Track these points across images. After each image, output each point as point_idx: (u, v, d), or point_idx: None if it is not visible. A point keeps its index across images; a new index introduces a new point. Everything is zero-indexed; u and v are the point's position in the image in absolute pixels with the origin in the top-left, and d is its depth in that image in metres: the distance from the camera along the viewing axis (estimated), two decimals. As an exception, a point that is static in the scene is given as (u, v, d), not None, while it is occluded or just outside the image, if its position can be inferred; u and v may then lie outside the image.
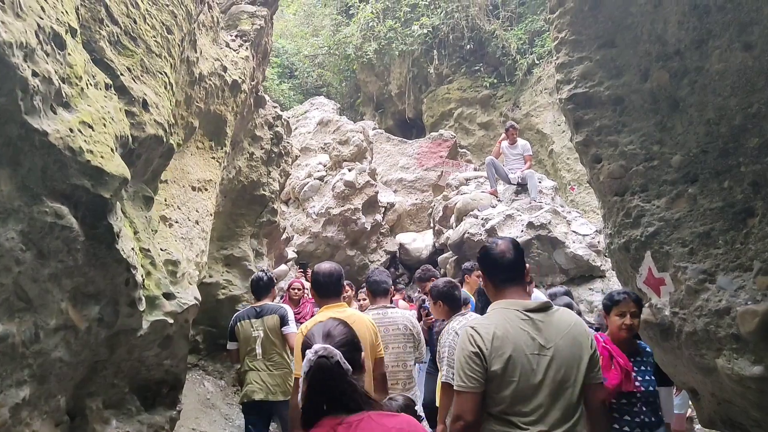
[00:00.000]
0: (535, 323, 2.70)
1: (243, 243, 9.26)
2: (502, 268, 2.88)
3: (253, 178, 9.12)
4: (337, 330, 2.08)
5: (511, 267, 2.87)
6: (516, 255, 2.90)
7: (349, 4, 20.20)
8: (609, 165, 5.26)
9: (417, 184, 15.04)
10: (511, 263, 2.87)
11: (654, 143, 5.05)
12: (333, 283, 4.13)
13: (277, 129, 9.42)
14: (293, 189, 13.38)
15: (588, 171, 5.64)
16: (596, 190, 5.55)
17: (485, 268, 3.00)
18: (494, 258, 2.92)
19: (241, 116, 8.20)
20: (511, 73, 18.20)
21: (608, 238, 5.60)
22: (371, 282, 5.18)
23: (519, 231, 9.37)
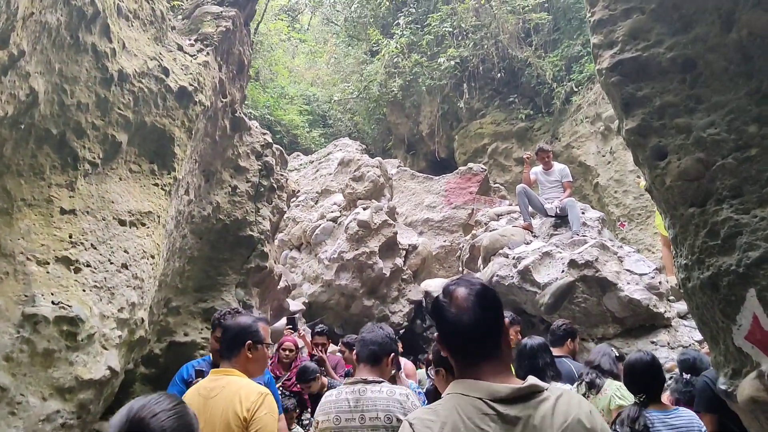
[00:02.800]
0: (505, 421, 1.70)
1: (227, 294, 7.64)
2: (462, 335, 1.85)
3: (236, 216, 7.56)
4: (152, 420, 1.59)
5: (475, 331, 1.84)
6: (483, 313, 1.85)
7: (374, 41, 18.97)
8: (680, 161, 3.47)
9: (445, 224, 13.29)
10: (474, 326, 1.83)
11: (749, 122, 3.31)
12: (229, 339, 3.31)
13: (266, 159, 7.90)
14: (305, 233, 11.82)
15: (646, 173, 3.84)
16: (660, 201, 3.74)
17: (439, 334, 1.97)
18: (448, 319, 1.89)
19: (211, 140, 6.70)
20: (548, 102, 16.49)
21: (682, 271, 3.75)
22: (359, 341, 3.59)
23: (559, 271, 7.51)
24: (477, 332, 1.81)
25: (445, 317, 1.85)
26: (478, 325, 1.81)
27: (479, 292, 1.86)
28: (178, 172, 5.43)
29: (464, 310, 1.81)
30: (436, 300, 1.92)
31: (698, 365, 5.12)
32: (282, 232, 12.63)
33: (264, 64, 25.08)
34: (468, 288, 1.87)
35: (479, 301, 1.83)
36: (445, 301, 1.87)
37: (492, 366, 1.80)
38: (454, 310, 1.83)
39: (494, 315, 1.86)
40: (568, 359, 5.17)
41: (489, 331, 1.83)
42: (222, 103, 6.60)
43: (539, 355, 4.38)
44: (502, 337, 1.87)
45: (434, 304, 1.92)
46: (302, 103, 25.60)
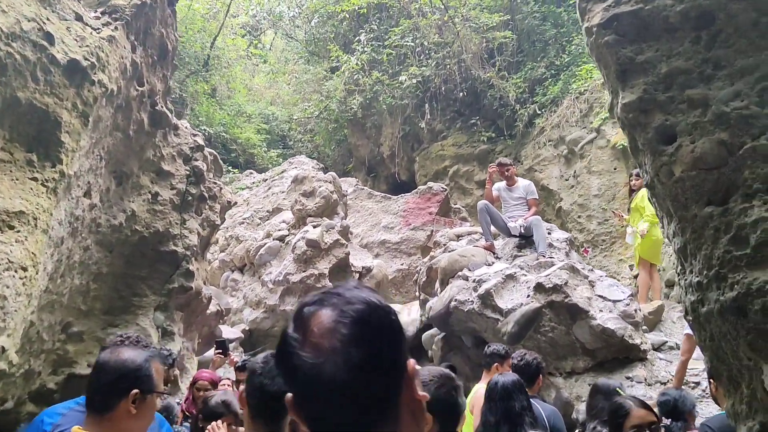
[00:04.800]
0: None
1: (143, 318, 6.53)
2: (324, 398, 1.00)
3: (157, 228, 6.49)
4: None
5: (345, 394, 0.99)
6: (365, 358, 0.99)
7: (334, 58, 18.17)
8: (694, 144, 2.55)
9: (403, 246, 12.35)
10: (344, 384, 0.98)
11: (788, 91, 2.44)
12: (105, 385, 2.24)
13: (196, 164, 6.87)
14: (248, 253, 10.73)
15: (646, 163, 2.95)
16: (664, 199, 2.84)
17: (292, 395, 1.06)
18: (301, 369, 1.01)
19: (123, 135, 5.65)
20: (510, 125, 15.85)
21: (694, 291, 2.84)
22: None
23: (524, 296, 6.60)
24: (349, 395, 0.99)
25: (296, 365, 1.01)
26: (353, 383, 0.99)
27: (357, 319, 1.02)
28: (68, 166, 4.37)
29: (327, 353, 0.99)
30: (283, 335, 1.06)
31: (680, 407, 4.24)
32: (224, 252, 11.52)
33: (221, 80, 24.10)
34: (337, 312, 1.03)
35: (357, 334, 1.01)
36: (296, 338, 1.03)
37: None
38: (310, 353, 1.00)
39: (384, 361, 1.03)
40: (537, 401, 4.24)
41: (373, 391, 1.01)
42: (137, 92, 5.58)
43: (515, 397, 3.45)
44: (401, 401, 1.05)
45: (280, 341, 1.06)
46: (260, 122, 24.64)
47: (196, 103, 22.17)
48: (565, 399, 6.27)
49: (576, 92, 14.03)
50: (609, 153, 13.02)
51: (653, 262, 8.39)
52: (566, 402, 6.25)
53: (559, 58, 15.08)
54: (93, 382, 2.26)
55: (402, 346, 1.07)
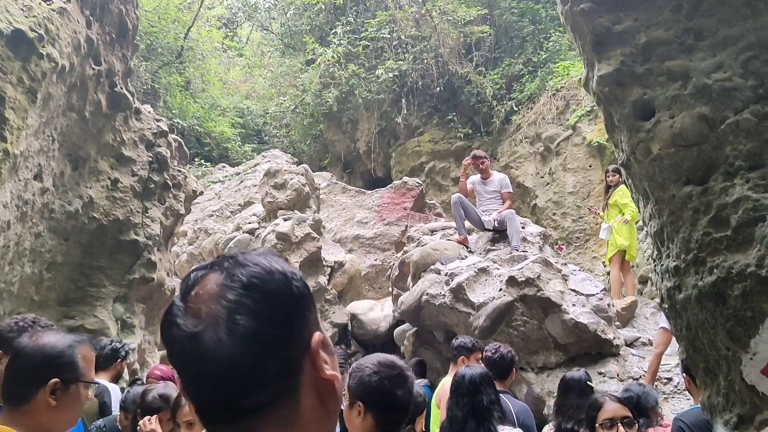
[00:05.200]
0: None
1: (102, 309, 6.25)
2: (202, 376, 0.83)
3: (117, 216, 6.21)
4: None
5: (227, 372, 0.82)
6: (253, 327, 0.83)
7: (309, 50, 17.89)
8: (673, 119, 2.36)
9: (377, 241, 12.16)
10: (225, 359, 0.82)
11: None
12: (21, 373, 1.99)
13: (159, 150, 6.60)
14: (217, 246, 10.45)
15: (623, 140, 2.78)
16: (640, 179, 2.67)
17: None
18: (179, 341, 0.85)
19: (79, 116, 5.37)
20: (487, 122, 15.76)
21: (671, 277, 2.67)
22: None
23: (496, 290, 6.44)
24: (231, 371, 0.83)
25: (173, 337, 0.86)
26: (236, 357, 0.83)
27: (248, 284, 0.87)
28: (13, 145, 4.09)
29: (207, 320, 0.84)
30: (169, 307, 0.90)
31: (643, 403, 4.11)
32: (192, 245, 11.23)
33: (195, 72, 23.68)
34: (225, 275, 0.88)
35: (246, 300, 0.85)
36: (179, 305, 0.88)
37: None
38: (188, 321, 0.85)
39: (278, 333, 0.86)
40: (508, 396, 4.07)
41: (263, 368, 0.84)
42: (94, 71, 5.30)
43: (482, 390, 3.28)
44: (302, 380, 0.88)
45: (165, 314, 0.90)
46: (235, 116, 24.25)
47: (169, 95, 21.73)
48: (537, 394, 6.14)
49: (553, 89, 13.98)
50: (584, 150, 12.97)
51: (632, 257, 8.30)
52: (537, 397, 6.11)
53: (536, 55, 15.02)
54: (8, 371, 2.01)
55: (304, 318, 0.90)
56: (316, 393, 0.88)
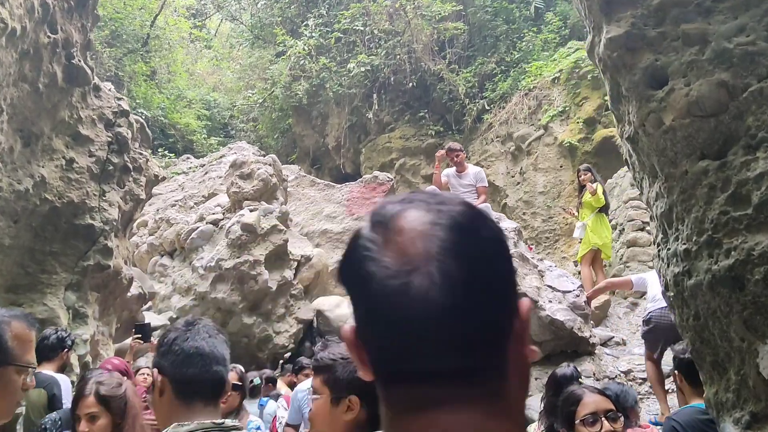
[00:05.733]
0: None
1: (52, 297, 5.83)
2: (412, 327, 0.70)
3: (72, 198, 5.80)
4: None
5: (444, 320, 0.70)
6: (470, 276, 0.71)
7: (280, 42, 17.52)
8: (689, 87, 2.10)
9: (345, 236, 11.86)
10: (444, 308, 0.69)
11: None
12: None
13: (119, 131, 6.20)
14: (179, 236, 10.03)
15: (630, 111, 2.54)
16: (647, 153, 2.38)
17: (356, 321, 0.79)
18: (380, 285, 0.71)
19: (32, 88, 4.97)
20: (459, 120, 15.65)
21: (678, 262, 2.43)
22: None
23: (470, 285, 6.27)
24: (445, 323, 0.70)
25: (369, 273, 0.72)
26: (452, 307, 0.70)
27: (459, 224, 0.73)
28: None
29: (417, 260, 0.71)
30: (355, 237, 0.77)
31: (622, 402, 3.95)
32: (153, 235, 10.79)
33: (161, 62, 23.10)
34: (432, 213, 0.74)
35: (459, 241, 0.72)
36: (375, 239, 0.74)
37: (477, 406, 0.72)
38: (392, 258, 0.71)
39: (495, 284, 0.74)
40: None
41: (480, 323, 0.72)
42: (49, 39, 4.91)
43: None
44: (509, 340, 0.74)
45: (350, 245, 0.78)
46: (201, 108, 23.71)
47: (133, 84, 21.14)
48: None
49: (525, 89, 13.92)
50: (556, 151, 12.93)
51: (607, 256, 8.21)
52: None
53: (509, 55, 14.95)
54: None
55: (515, 276, 0.77)
56: (518, 373, 0.75)
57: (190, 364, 1.76)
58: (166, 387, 1.77)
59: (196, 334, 1.82)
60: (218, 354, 1.82)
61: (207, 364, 1.78)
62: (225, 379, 1.84)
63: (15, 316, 1.87)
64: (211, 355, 1.80)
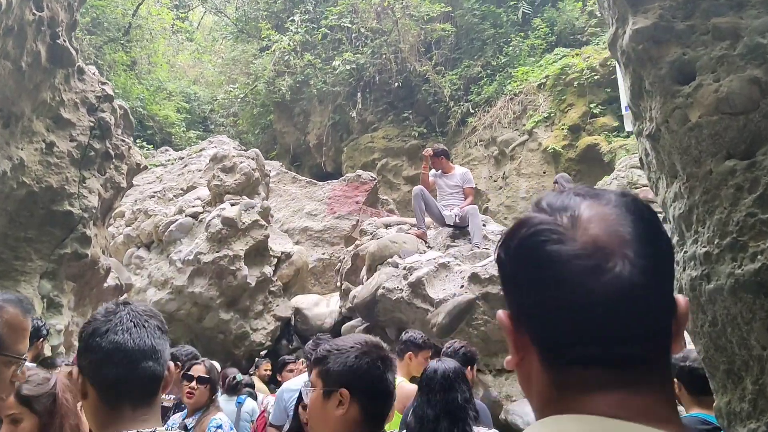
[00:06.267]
0: None
1: (26, 285, 5.60)
2: (599, 309, 0.71)
3: (50, 183, 5.58)
4: None
5: (629, 303, 0.71)
6: (651, 263, 0.73)
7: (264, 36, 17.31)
8: (718, 83, 2.05)
9: (326, 234, 11.73)
10: (631, 290, 0.71)
11: None
12: None
13: (102, 116, 5.99)
14: (157, 228, 9.79)
15: (653, 106, 2.45)
16: (668, 151, 2.26)
17: (520, 305, 0.84)
18: (564, 267, 0.73)
19: (15, 67, 4.76)
20: (443, 122, 15.61)
21: (697, 265, 2.36)
22: None
23: (457, 286, 6.15)
24: (642, 305, 0.72)
25: (559, 261, 0.73)
26: (649, 288, 0.72)
27: (641, 213, 0.76)
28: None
29: (614, 246, 0.72)
30: (528, 223, 0.78)
31: None
32: (130, 227, 10.53)
33: (142, 53, 22.70)
34: (611, 208, 0.76)
35: (647, 231, 0.74)
36: (559, 223, 0.75)
37: (657, 393, 0.74)
38: (586, 244, 0.72)
39: (670, 267, 0.78)
40: None
41: (665, 307, 0.75)
42: (35, 16, 4.71)
43: (457, 387, 2.95)
44: (673, 327, 0.76)
45: (522, 231, 0.78)
46: (181, 101, 23.35)
47: (112, 74, 20.70)
48: (494, 398, 5.87)
49: (511, 93, 13.92)
50: (540, 156, 12.93)
51: None
52: (495, 401, 5.85)
53: (495, 59, 14.95)
54: None
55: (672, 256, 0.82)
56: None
57: (111, 364, 1.47)
58: (88, 389, 1.50)
59: (118, 325, 1.50)
60: (146, 347, 1.50)
61: (132, 361, 1.48)
62: (159, 374, 1.54)
63: (9, 301, 1.72)
64: (137, 350, 1.49)
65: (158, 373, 1.53)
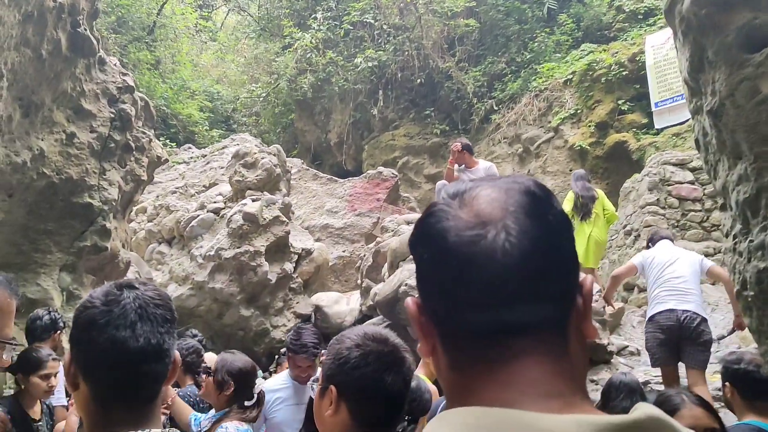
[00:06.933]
0: None
1: (46, 278, 5.52)
2: (487, 279, 0.72)
3: (70, 175, 5.49)
4: None
5: (519, 273, 0.72)
6: (541, 233, 0.73)
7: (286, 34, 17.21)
8: None
9: (346, 231, 11.56)
10: (520, 259, 0.71)
11: None
12: None
13: (123, 107, 5.89)
14: (179, 224, 9.71)
15: (717, 78, 2.27)
16: (732, 128, 2.13)
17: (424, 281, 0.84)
18: (456, 239, 0.75)
19: (35, 55, 4.66)
20: (466, 119, 15.37)
21: (761, 256, 2.22)
22: None
23: (484, 284, 5.97)
24: (522, 274, 0.71)
25: (447, 234, 0.75)
26: (528, 259, 0.72)
27: (532, 191, 0.77)
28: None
29: (494, 219, 0.73)
30: (430, 208, 0.81)
31: None
32: (152, 222, 10.46)
33: (166, 52, 22.80)
34: (504, 186, 0.78)
35: (533, 205, 0.75)
36: (450, 204, 0.77)
37: (545, 364, 0.73)
38: (470, 218, 0.74)
39: (563, 246, 0.76)
40: None
41: (551, 279, 0.73)
42: (55, 3, 4.59)
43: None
44: (570, 320, 0.75)
45: (424, 215, 0.81)
46: (204, 100, 23.43)
47: (137, 73, 20.78)
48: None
49: (536, 90, 13.65)
50: (566, 154, 12.65)
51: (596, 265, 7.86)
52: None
53: (520, 55, 14.68)
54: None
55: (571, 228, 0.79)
56: (579, 345, 0.76)
57: (107, 365, 1.25)
58: (79, 381, 1.29)
59: (119, 318, 1.26)
60: (149, 347, 1.26)
61: (133, 363, 1.25)
62: (162, 375, 1.31)
63: None
64: (139, 351, 1.25)
65: (161, 374, 1.31)
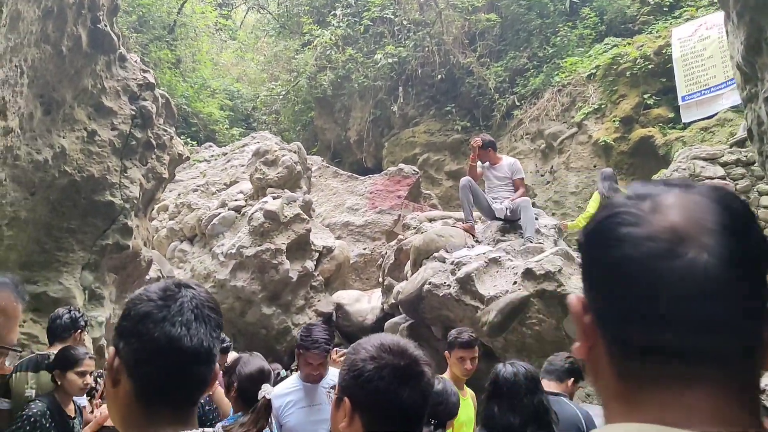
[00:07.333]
0: None
1: (68, 276, 5.50)
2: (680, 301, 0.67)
3: (92, 173, 5.47)
4: None
5: (715, 297, 0.66)
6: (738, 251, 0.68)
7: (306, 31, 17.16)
8: None
9: (367, 229, 11.48)
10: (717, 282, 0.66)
11: None
12: None
13: (144, 104, 5.85)
14: (200, 222, 9.69)
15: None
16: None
17: (596, 293, 0.77)
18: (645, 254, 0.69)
19: (55, 51, 4.63)
20: (487, 115, 15.17)
21: None
22: None
23: (510, 283, 5.80)
24: (720, 299, 0.67)
25: (636, 244, 0.70)
26: (729, 283, 0.67)
27: (729, 204, 0.71)
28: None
29: (693, 233, 0.68)
30: (610, 207, 0.75)
31: None
32: (173, 220, 10.47)
33: (186, 51, 22.90)
34: (700, 199, 0.72)
35: (734, 222, 0.70)
36: (639, 206, 0.72)
37: (715, 390, 0.69)
38: (662, 228, 0.69)
39: (763, 265, 0.71)
40: (566, 399, 3.42)
41: (749, 305, 0.68)
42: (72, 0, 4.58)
43: (541, 388, 2.69)
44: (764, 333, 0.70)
45: (603, 215, 0.75)
46: (224, 98, 23.52)
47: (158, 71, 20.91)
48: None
49: (558, 85, 13.42)
50: (590, 149, 12.41)
51: None
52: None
53: (542, 50, 14.45)
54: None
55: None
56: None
57: (160, 361, 1.20)
58: (122, 377, 1.22)
59: (177, 315, 1.21)
60: (202, 349, 1.22)
61: (184, 363, 1.21)
62: (207, 380, 1.26)
63: (1, 284, 1.49)
64: (192, 350, 1.20)
65: (207, 379, 1.26)
